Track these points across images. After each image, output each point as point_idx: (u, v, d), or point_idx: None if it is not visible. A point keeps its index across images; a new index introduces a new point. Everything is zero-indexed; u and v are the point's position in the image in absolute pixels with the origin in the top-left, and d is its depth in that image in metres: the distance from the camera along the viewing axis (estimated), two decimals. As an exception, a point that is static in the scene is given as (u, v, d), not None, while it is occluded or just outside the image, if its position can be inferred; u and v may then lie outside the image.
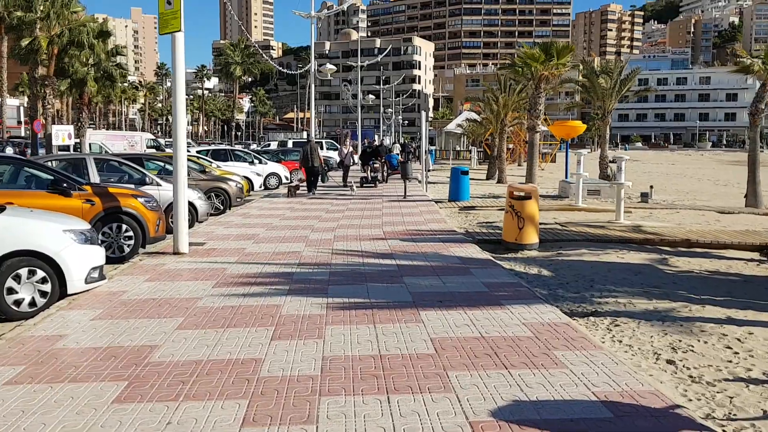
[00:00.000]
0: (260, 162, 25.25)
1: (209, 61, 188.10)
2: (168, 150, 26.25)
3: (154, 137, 47.92)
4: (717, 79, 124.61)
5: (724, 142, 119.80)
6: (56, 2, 33.04)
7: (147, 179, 12.15)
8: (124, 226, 9.64)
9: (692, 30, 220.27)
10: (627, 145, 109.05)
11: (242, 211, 15.80)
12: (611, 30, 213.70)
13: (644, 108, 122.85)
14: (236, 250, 9.99)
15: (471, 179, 18.28)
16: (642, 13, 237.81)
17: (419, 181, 25.11)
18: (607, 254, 10.23)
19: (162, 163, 16.64)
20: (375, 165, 23.46)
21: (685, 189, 27.56)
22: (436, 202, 18.10)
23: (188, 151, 25.82)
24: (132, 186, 11.28)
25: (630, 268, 9.33)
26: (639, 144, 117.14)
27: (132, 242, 9.71)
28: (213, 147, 28.02)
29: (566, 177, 30.05)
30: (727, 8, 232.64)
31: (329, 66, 28.22)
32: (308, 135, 27.19)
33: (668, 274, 9.02)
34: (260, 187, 22.79)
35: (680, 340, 5.94)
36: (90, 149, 35.91)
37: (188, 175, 16.17)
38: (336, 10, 25.42)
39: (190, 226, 13.11)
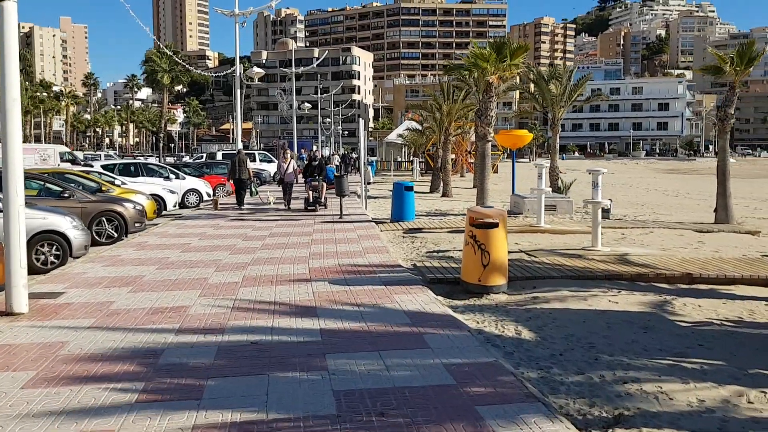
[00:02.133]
0: (177, 177, 22.21)
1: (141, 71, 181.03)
2: (97, 164, 22.85)
3: (69, 150, 43.74)
4: (649, 89, 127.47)
5: (657, 150, 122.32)
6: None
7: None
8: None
9: (622, 42, 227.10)
10: (564, 155, 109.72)
11: (139, 240, 12.89)
12: (545, 42, 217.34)
13: (579, 118, 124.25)
14: (98, 307, 7.19)
15: (415, 193, 15.93)
16: (574, 25, 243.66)
17: (358, 196, 22.61)
18: (596, 297, 7.91)
19: (42, 182, 13.62)
20: (314, 183, 18.72)
21: (639, 201, 25.98)
22: (377, 222, 15.59)
23: (90, 165, 22.66)
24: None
25: (632, 319, 7.03)
26: (575, 154, 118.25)
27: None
28: (122, 161, 24.71)
29: (513, 190, 28.24)
30: (654, 21, 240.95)
31: (257, 69, 25.45)
32: (239, 146, 24.24)
33: (684, 328, 6.76)
34: (175, 206, 19.78)
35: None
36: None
37: (70, 196, 13.21)
38: (263, 7, 23.01)
39: (61, 263, 10.21)
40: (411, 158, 51.83)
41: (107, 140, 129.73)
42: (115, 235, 13.40)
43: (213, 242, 12.34)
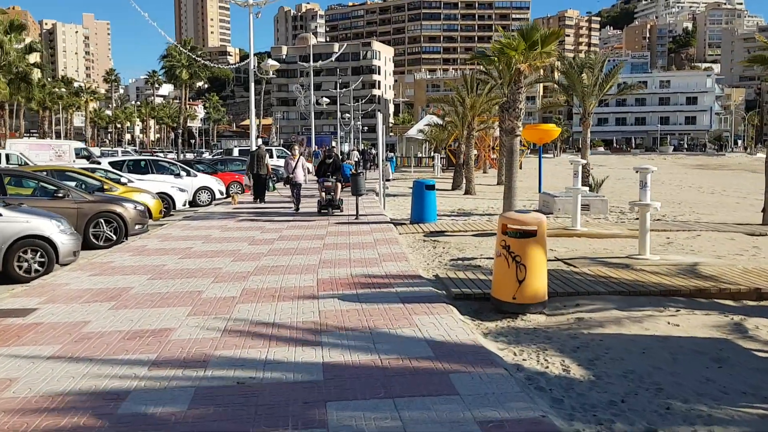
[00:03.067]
0: (188, 174, 21.29)
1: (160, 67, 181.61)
2: (105, 160, 22.07)
3: (84, 146, 43.23)
4: (677, 83, 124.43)
5: (685, 145, 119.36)
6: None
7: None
8: None
9: (647, 35, 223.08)
10: (590, 150, 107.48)
11: (139, 244, 11.92)
12: (569, 35, 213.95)
13: (605, 112, 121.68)
14: (69, 329, 6.17)
15: (436, 191, 14.79)
16: (598, 18, 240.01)
17: (376, 194, 21.53)
18: (652, 318, 6.71)
19: (37, 181, 12.74)
20: (327, 184, 16.22)
21: (674, 199, 24.50)
22: (396, 223, 14.46)
23: (98, 162, 21.81)
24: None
25: (700, 348, 5.83)
26: (601, 149, 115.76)
27: None
28: (132, 158, 23.86)
29: (540, 188, 26.91)
30: (680, 14, 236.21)
31: (271, 62, 24.42)
32: (260, 142, 23.39)
33: (765, 360, 5.57)
34: (184, 204, 18.83)
35: None
36: (7, 161, 31.57)
37: (65, 195, 12.27)
38: None
39: (46, 271, 9.25)
40: (432, 154, 50.59)
41: (128, 136, 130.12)
42: (114, 237, 12.46)
43: (217, 247, 11.31)
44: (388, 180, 32.51)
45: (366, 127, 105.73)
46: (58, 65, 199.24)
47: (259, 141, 24.57)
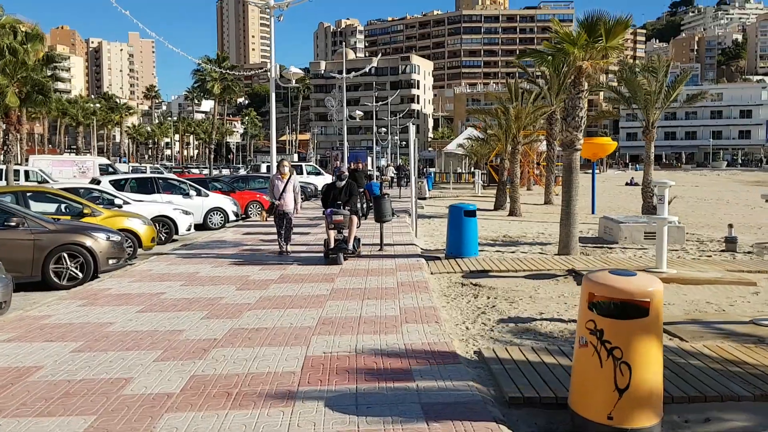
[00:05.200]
0: (199, 194, 19.06)
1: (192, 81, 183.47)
2: (106, 179, 20.13)
3: (110, 162, 41.85)
4: (729, 96, 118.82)
5: (740, 161, 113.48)
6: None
7: None
8: None
9: (695, 47, 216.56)
10: (637, 165, 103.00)
11: (103, 286, 9.54)
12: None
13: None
14: None
15: (477, 210, 12.04)
16: (644, 31, 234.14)
17: (409, 215, 18.94)
18: None
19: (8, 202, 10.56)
20: (336, 218, 11.27)
21: (751, 222, 21.16)
22: (428, 257, 11.79)
23: (98, 181, 19.75)
24: None
25: None
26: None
27: None
28: (138, 175, 21.77)
29: (593, 209, 23.88)
30: (729, 26, 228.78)
31: (294, 70, 22.11)
32: (296, 157, 21.13)
33: None
34: (189, 229, 16.46)
35: None
36: (26, 178, 30.17)
37: (18, 225, 9.97)
38: (301, 1, 20.20)
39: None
40: (472, 170, 47.83)
41: (168, 152, 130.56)
42: (80, 275, 10.14)
43: (195, 292, 8.83)
44: (423, 198, 29.87)
45: (404, 142, 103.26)
46: (103, 82, 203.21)
47: (294, 156, 22.41)
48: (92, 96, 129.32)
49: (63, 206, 12.65)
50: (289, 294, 8.60)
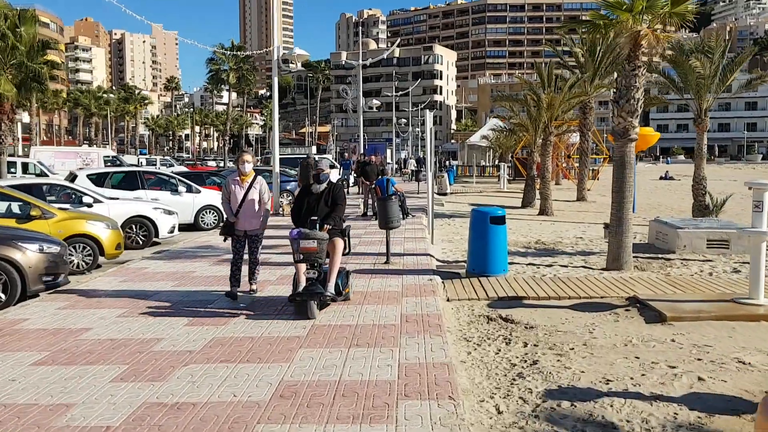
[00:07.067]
0: (189, 190, 16.92)
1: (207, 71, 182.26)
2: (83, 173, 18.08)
3: (115, 154, 40.09)
4: (765, 87, 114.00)
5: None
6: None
7: None
8: None
9: (727, 37, 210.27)
10: (669, 158, 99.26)
11: (26, 312, 7.39)
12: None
13: (685, 118, 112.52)
14: None
15: (504, 208, 9.62)
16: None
17: (426, 214, 16.59)
18: None
19: None
20: (306, 244, 6.83)
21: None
22: (445, 275, 9.43)
23: (75, 175, 17.74)
24: None
25: None
26: (681, 157, 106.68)
27: None
28: (121, 169, 19.65)
29: (634, 208, 21.33)
30: (762, 15, 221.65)
31: (299, 52, 19.90)
32: (314, 150, 18.96)
33: None
34: (171, 231, 14.31)
35: None
36: (24, 170, 28.45)
37: None
38: None
39: None
40: (497, 163, 45.20)
41: (188, 144, 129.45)
42: (3, 298, 8.01)
43: (131, 329, 6.60)
44: (444, 194, 27.48)
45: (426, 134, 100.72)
46: (126, 74, 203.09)
47: (313, 149, 20.28)
48: (113, 87, 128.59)
49: (5, 207, 10.56)
50: (249, 336, 6.33)
